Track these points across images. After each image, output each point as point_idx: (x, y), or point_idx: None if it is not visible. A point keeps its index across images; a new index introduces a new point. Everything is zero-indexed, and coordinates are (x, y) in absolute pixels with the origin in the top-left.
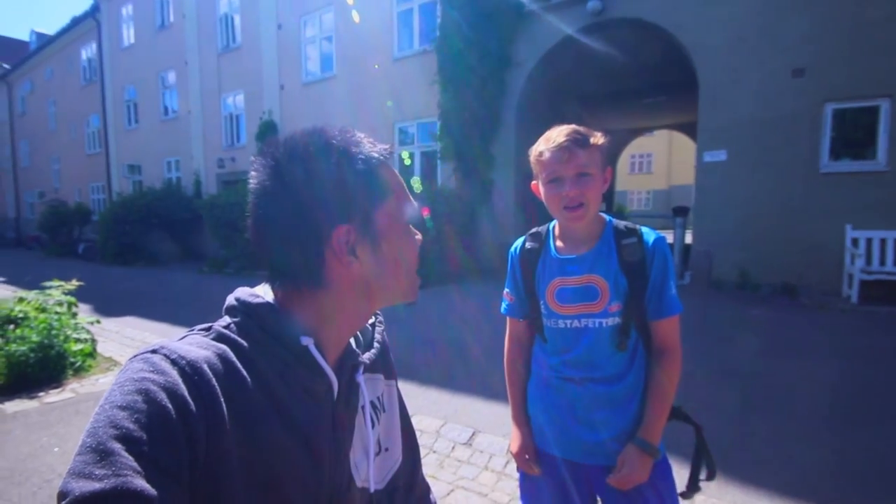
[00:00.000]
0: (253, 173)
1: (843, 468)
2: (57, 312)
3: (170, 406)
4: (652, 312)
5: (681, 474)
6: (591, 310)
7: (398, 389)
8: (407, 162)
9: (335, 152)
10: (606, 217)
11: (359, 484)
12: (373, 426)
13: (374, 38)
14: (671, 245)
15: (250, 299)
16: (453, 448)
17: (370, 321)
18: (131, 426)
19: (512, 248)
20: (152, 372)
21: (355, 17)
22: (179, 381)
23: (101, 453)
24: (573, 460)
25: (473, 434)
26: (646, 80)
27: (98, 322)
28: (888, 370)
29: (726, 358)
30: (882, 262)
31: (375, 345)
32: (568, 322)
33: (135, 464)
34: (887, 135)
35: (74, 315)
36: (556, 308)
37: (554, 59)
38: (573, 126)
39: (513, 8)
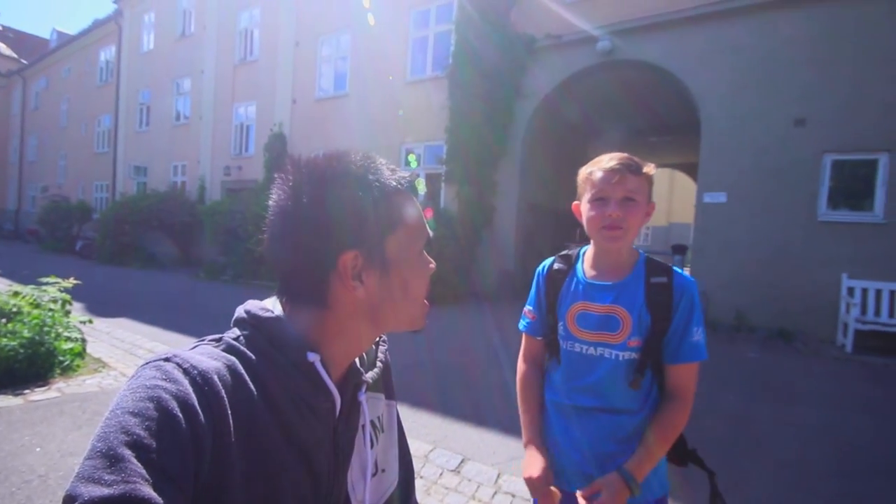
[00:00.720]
0: (273, 189)
1: None
2: (51, 309)
3: (180, 415)
4: (668, 355)
5: None
6: (610, 340)
7: (397, 410)
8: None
9: (352, 178)
10: (640, 252)
11: None
12: (371, 446)
13: (388, 61)
14: None
15: (260, 313)
16: (441, 474)
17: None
18: (142, 433)
19: (540, 267)
20: (164, 380)
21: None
22: (190, 390)
23: (111, 459)
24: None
25: (462, 461)
26: (650, 119)
27: (90, 321)
28: (880, 422)
29: (719, 400)
30: (877, 313)
31: (378, 364)
32: (584, 347)
33: (143, 471)
34: (885, 188)
35: (68, 313)
36: (575, 332)
37: (562, 93)
38: (626, 154)
39: (525, 43)
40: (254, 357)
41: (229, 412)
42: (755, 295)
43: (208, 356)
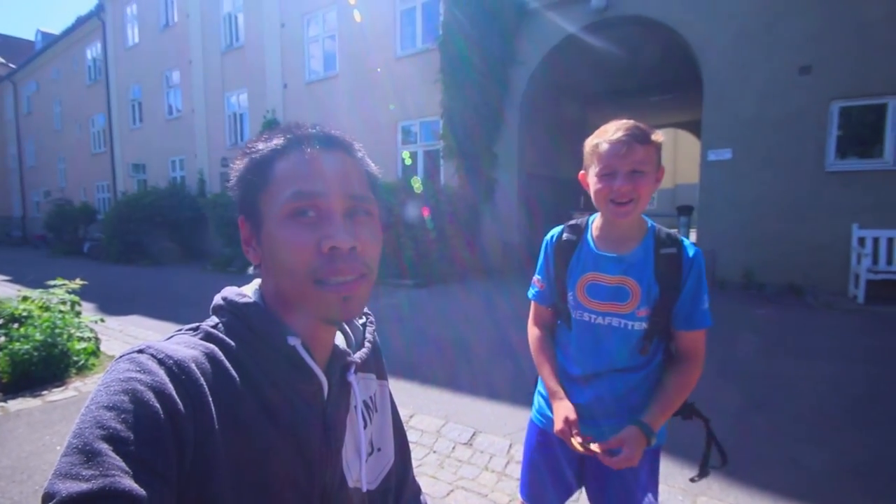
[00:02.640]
0: None
1: (847, 470)
2: (60, 311)
3: (157, 406)
4: (680, 323)
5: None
6: (620, 310)
7: (389, 389)
8: (408, 162)
9: (247, 146)
10: (649, 222)
11: (351, 484)
12: (365, 426)
13: (376, 37)
14: None
15: (237, 299)
16: (454, 448)
17: (360, 321)
18: (118, 426)
19: (548, 236)
20: (139, 372)
21: (357, 16)
22: (167, 380)
23: (87, 454)
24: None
25: (474, 434)
26: (650, 78)
27: (102, 321)
28: (894, 371)
29: (730, 358)
30: (889, 262)
31: (366, 344)
32: (594, 317)
33: (122, 464)
34: (895, 133)
35: (78, 314)
36: (585, 301)
37: (557, 57)
38: (633, 121)
39: (516, 6)
40: (234, 344)
41: (210, 400)
42: (763, 252)
43: (185, 345)
